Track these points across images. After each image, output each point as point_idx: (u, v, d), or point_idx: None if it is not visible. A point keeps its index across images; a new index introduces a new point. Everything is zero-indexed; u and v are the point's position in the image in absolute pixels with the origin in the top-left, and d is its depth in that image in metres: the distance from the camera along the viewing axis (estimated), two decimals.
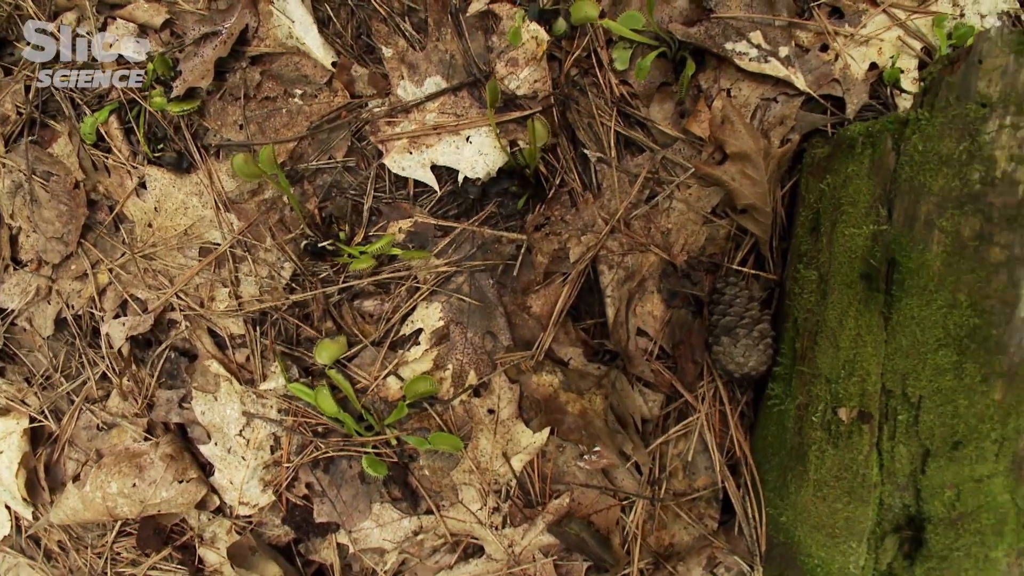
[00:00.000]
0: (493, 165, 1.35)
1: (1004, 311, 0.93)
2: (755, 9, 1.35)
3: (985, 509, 0.97)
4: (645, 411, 1.31)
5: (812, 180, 1.20)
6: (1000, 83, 0.93)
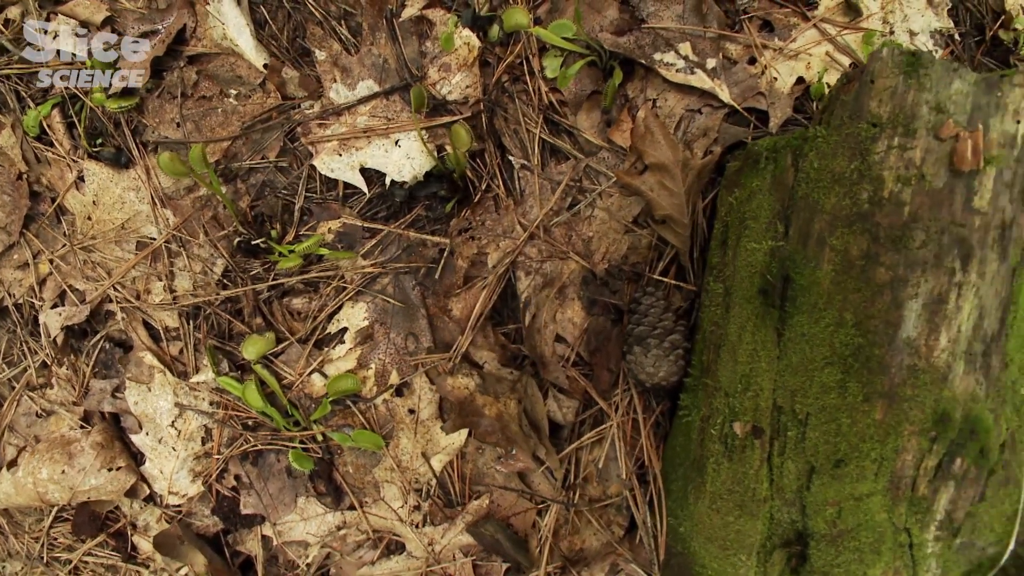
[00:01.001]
0: (420, 169, 1.35)
1: (887, 331, 0.92)
2: (686, 20, 1.34)
3: (864, 527, 0.95)
4: (560, 417, 1.31)
5: (725, 193, 1.19)
6: (890, 103, 0.92)
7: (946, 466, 0.92)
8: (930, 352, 0.91)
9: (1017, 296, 0.92)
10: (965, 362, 0.91)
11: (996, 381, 0.93)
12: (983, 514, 0.92)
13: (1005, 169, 0.89)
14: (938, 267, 0.90)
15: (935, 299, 0.90)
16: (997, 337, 0.92)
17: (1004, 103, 0.89)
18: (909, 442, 0.92)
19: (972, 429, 0.91)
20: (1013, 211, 0.90)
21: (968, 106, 0.89)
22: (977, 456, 0.91)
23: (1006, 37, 1.43)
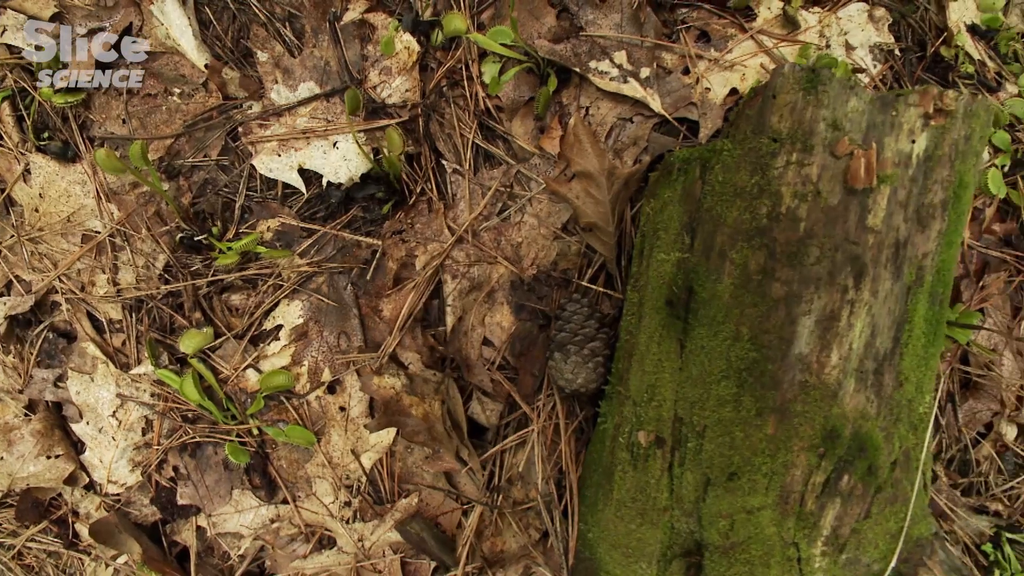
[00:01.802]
0: (356, 171, 1.34)
1: (781, 347, 0.90)
2: (624, 29, 1.32)
3: (755, 540, 0.94)
4: (483, 419, 1.31)
5: (645, 203, 1.18)
6: (790, 119, 0.90)
7: (833, 483, 0.90)
8: (821, 369, 0.89)
9: (912, 315, 0.91)
10: (856, 380, 0.89)
11: (889, 399, 0.91)
12: (868, 531, 0.91)
13: (899, 188, 0.88)
14: (831, 284, 0.88)
15: (827, 316, 0.89)
16: (890, 356, 0.90)
17: (899, 122, 0.87)
18: (798, 457, 0.91)
19: (861, 447, 0.90)
20: (908, 230, 0.89)
21: (864, 124, 0.87)
22: (864, 474, 0.90)
23: (947, 54, 1.41)
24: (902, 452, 0.93)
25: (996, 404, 1.29)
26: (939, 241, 0.91)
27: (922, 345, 0.93)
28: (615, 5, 1.32)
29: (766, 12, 1.34)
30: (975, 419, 1.29)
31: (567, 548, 1.16)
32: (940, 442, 1.26)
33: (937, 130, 0.88)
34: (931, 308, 0.93)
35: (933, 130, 0.88)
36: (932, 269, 0.92)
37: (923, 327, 0.93)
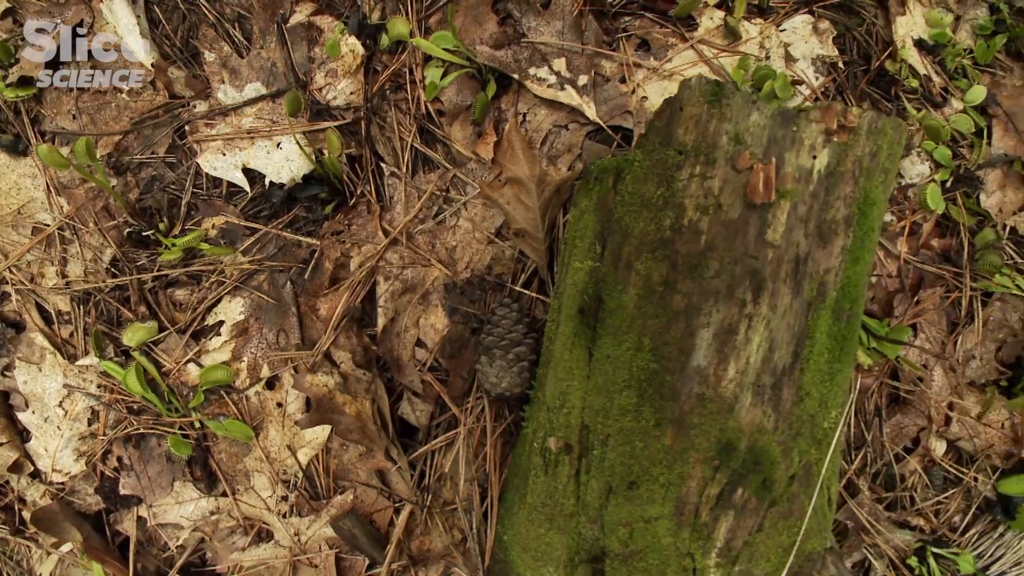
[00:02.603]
0: (298, 172, 1.34)
1: (680, 359, 0.89)
2: (565, 36, 1.31)
3: (652, 549, 0.93)
4: (413, 419, 1.30)
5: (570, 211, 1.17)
6: (695, 132, 0.89)
7: (727, 495, 0.89)
8: (718, 382, 0.88)
9: (813, 331, 0.89)
10: (753, 394, 0.88)
11: (788, 414, 0.90)
12: (760, 544, 0.89)
13: (800, 203, 0.86)
14: (730, 298, 0.87)
15: (725, 329, 0.87)
16: (789, 370, 0.89)
17: (800, 137, 0.85)
18: (694, 469, 0.90)
19: (756, 460, 0.88)
20: (808, 246, 0.87)
21: (764, 138, 0.86)
22: (759, 487, 0.89)
23: (892, 68, 1.39)
24: (802, 467, 0.92)
25: (923, 419, 1.27)
26: (843, 257, 0.89)
27: (826, 361, 0.91)
28: (557, 12, 1.31)
29: (708, 22, 1.32)
30: (902, 434, 1.27)
31: (483, 549, 1.15)
32: (865, 456, 1.24)
33: (840, 146, 0.86)
34: (836, 324, 0.92)
35: (836, 146, 0.86)
36: (836, 285, 0.90)
37: (827, 343, 0.91)
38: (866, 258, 0.92)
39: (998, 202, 1.39)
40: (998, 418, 1.36)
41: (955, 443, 1.31)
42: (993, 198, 1.39)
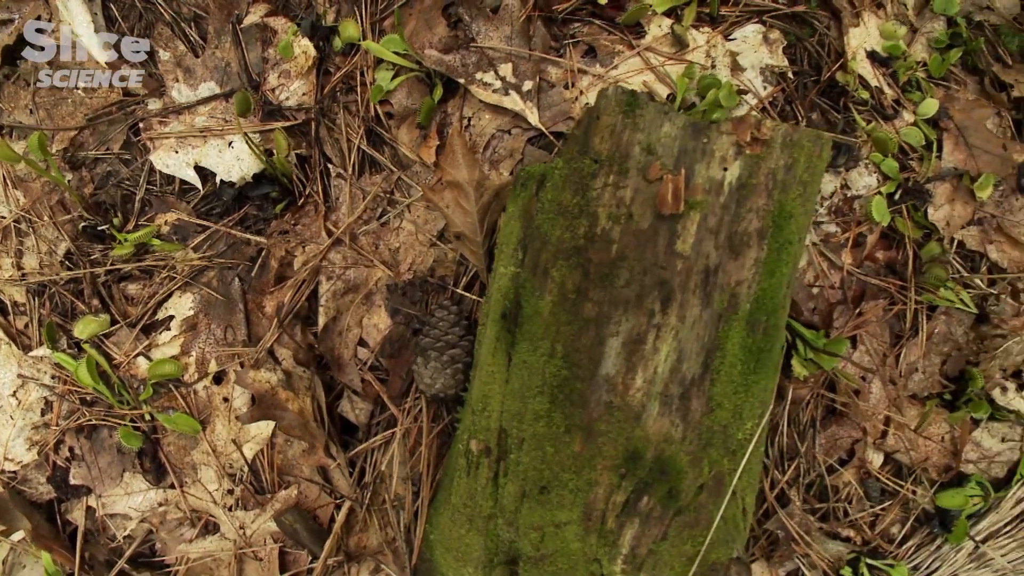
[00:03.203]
0: (248, 171, 1.34)
1: (589, 367, 0.89)
2: (514, 42, 1.30)
3: (561, 554, 0.93)
4: (353, 417, 1.30)
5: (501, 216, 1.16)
6: (609, 141, 0.88)
7: (633, 503, 0.89)
8: (626, 391, 0.87)
9: (724, 342, 0.89)
10: (660, 403, 0.87)
11: (697, 425, 0.89)
12: (664, 552, 0.89)
13: (710, 215, 0.85)
14: (639, 307, 0.86)
15: (634, 339, 0.87)
16: (698, 381, 0.88)
17: (711, 149, 0.85)
18: (601, 476, 0.89)
19: (663, 470, 0.88)
20: (719, 257, 0.86)
21: (675, 149, 0.85)
22: (664, 496, 0.88)
23: (843, 79, 1.37)
24: (712, 477, 0.91)
25: (858, 432, 1.26)
26: (757, 270, 0.88)
27: (739, 372, 0.91)
28: (506, 17, 1.30)
29: (656, 30, 1.31)
30: (836, 445, 1.26)
31: (411, 548, 1.15)
32: (799, 467, 1.23)
33: (752, 159, 0.85)
34: (751, 336, 0.91)
35: (748, 158, 0.85)
36: (750, 297, 0.89)
37: (740, 355, 0.90)
38: (783, 271, 0.91)
39: (945, 215, 1.38)
40: (938, 431, 1.34)
41: (892, 456, 1.30)
42: (941, 211, 1.38)
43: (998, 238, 1.41)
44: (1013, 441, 1.35)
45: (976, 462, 1.34)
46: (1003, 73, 1.49)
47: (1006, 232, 1.40)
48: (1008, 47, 1.53)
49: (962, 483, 1.32)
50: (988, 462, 1.35)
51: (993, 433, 1.35)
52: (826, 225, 1.32)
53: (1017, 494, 1.35)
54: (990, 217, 1.41)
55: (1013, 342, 1.34)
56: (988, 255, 1.40)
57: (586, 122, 0.92)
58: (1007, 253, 1.40)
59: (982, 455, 1.34)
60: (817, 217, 1.32)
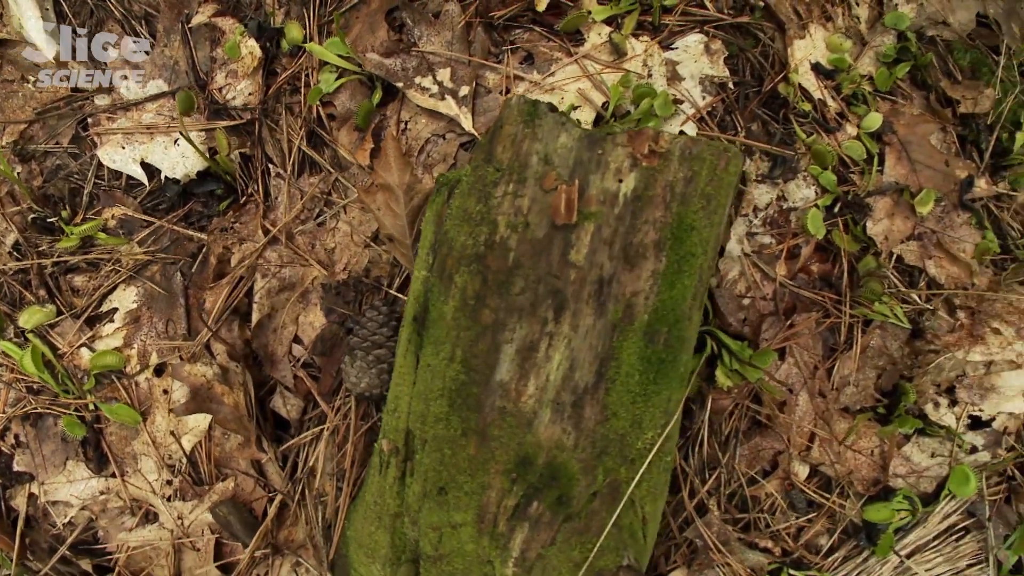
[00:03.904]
0: (192, 168, 1.36)
1: (485, 372, 0.90)
2: (454, 47, 1.31)
3: (457, 554, 0.94)
4: (285, 413, 1.32)
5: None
6: (511, 150, 0.89)
7: (523, 507, 0.89)
8: (519, 397, 0.88)
9: (619, 352, 0.89)
10: (552, 411, 0.88)
11: (591, 433, 0.90)
12: (552, 557, 0.90)
13: (604, 226, 0.86)
14: (532, 315, 0.87)
15: (527, 346, 0.88)
16: (592, 390, 0.89)
17: (606, 161, 0.85)
18: (494, 480, 0.90)
19: (553, 476, 0.89)
20: (613, 268, 0.87)
21: (571, 160, 0.86)
22: (554, 502, 0.89)
23: (785, 91, 1.37)
24: (607, 485, 0.92)
25: (782, 443, 1.26)
26: (655, 281, 0.89)
27: (637, 382, 0.91)
28: (447, 23, 1.31)
29: (595, 38, 1.32)
30: (759, 457, 1.26)
31: (330, 544, 1.17)
32: (719, 477, 1.24)
33: (648, 171, 0.86)
34: (649, 347, 0.91)
35: (644, 171, 0.86)
36: (648, 308, 0.89)
37: (638, 365, 0.91)
38: (685, 283, 0.92)
39: (884, 230, 1.37)
40: (868, 445, 1.34)
41: (818, 468, 1.30)
42: (880, 226, 1.37)
43: (937, 254, 1.40)
44: (942, 457, 1.35)
45: (905, 476, 1.34)
46: (951, 89, 1.48)
47: (946, 248, 1.40)
48: (959, 63, 1.53)
49: (888, 497, 1.31)
50: (917, 477, 1.34)
51: (923, 448, 1.35)
52: (760, 236, 1.32)
53: (944, 509, 1.34)
54: (930, 232, 1.41)
55: (945, 358, 1.34)
56: (927, 270, 1.40)
57: (491, 131, 0.92)
58: (945, 269, 1.40)
59: (911, 470, 1.34)
60: (751, 228, 1.32)
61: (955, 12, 1.56)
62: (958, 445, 1.34)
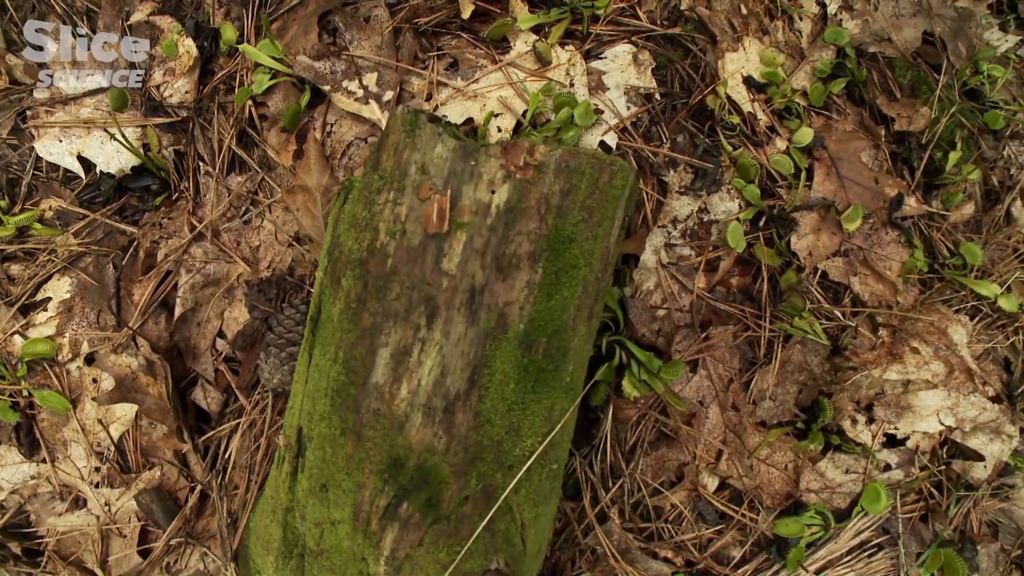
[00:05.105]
0: (127, 163, 1.40)
1: (363, 374, 0.93)
2: (383, 52, 1.34)
3: (335, 551, 0.97)
4: (205, 405, 1.36)
5: None
6: (393, 158, 0.92)
7: (394, 508, 0.93)
8: (392, 399, 0.91)
9: (492, 361, 0.92)
10: (423, 415, 0.91)
11: (463, 438, 0.93)
12: (420, 558, 0.93)
13: (476, 236, 0.89)
14: (406, 321, 0.90)
15: (401, 350, 0.91)
16: (464, 396, 0.92)
17: (479, 172, 0.88)
18: (368, 480, 0.93)
19: (424, 478, 0.92)
20: (485, 278, 0.90)
21: (446, 170, 0.88)
22: (423, 504, 0.92)
23: (713, 103, 1.39)
24: (480, 490, 0.95)
25: (688, 455, 1.28)
26: (530, 292, 0.91)
27: (513, 391, 0.94)
28: (377, 28, 1.34)
29: (522, 46, 1.34)
30: (664, 467, 1.28)
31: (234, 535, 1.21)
32: (623, 486, 1.26)
33: (522, 183, 0.88)
34: (527, 356, 0.93)
35: (517, 182, 0.88)
36: (524, 319, 0.92)
37: (513, 374, 0.93)
38: (565, 294, 0.94)
39: (809, 245, 1.39)
40: (783, 459, 1.36)
41: (728, 480, 1.32)
42: (804, 241, 1.39)
43: (863, 271, 1.41)
44: (856, 473, 1.36)
45: (819, 492, 1.36)
46: (887, 106, 1.49)
47: (872, 265, 1.41)
48: (900, 80, 1.53)
49: (799, 511, 1.33)
50: (831, 493, 1.36)
51: (838, 464, 1.37)
52: (680, 248, 1.34)
53: (857, 526, 1.36)
54: (857, 249, 1.42)
55: (862, 376, 1.35)
56: (852, 287, 1.41)
57: (380, 140, 0.95)
58: (870, 286, 1.41)
59: (825, 485, 1.36)
60: (670, 240, 1.34)
61: (901, 30, 1.57)
62: (872, 463, 1.36)
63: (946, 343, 1.36)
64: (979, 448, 1.36)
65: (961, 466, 1.39)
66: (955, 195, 1.46)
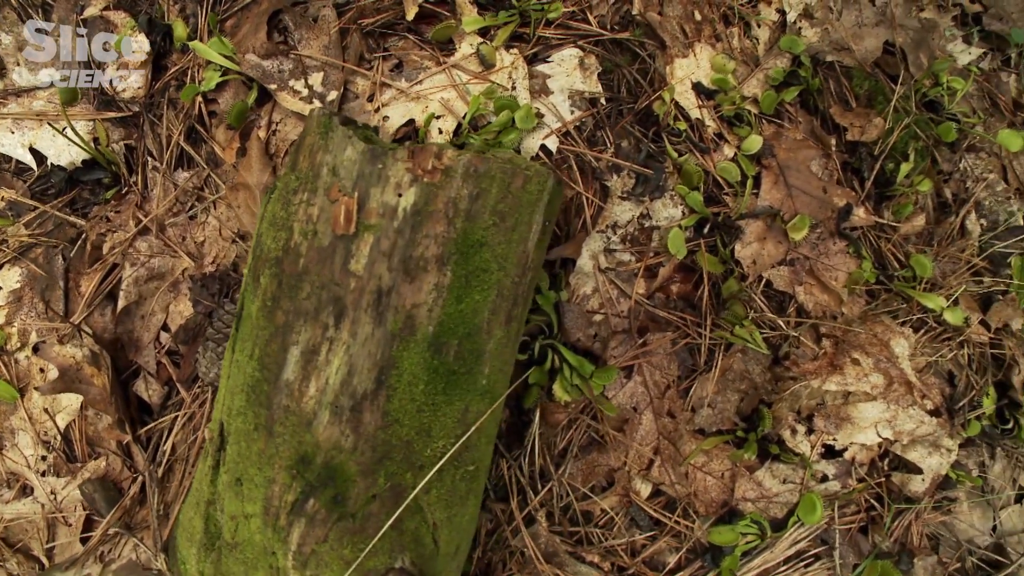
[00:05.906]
0: (77, 156, 1.44)
1: (275, 371, 0.96)
2: (330, 52, 1.37)
3: (248, 544, 1.01)
4: (147, 397, 1.39)
5: None
6: (308, 160, 0.95)
7: (301, 504, 0.96)
8: (301, 397, 0.94)
9: (400, 362, 0.95)
10: (331, 413, 0.94)
11: (371, 437, 0.96)
12: (325, 554, 0.96)
13: (383, 238, 0.91)
14: (316, 320, 0.93)
15: (310, 349, 0.94)
16: (371, 396, 0.95)
17: (387, 175, 0.91)
18: (278, 475, 0.96)
19: (331, 476, 0.95)
20: (392, 279, 0.92)
21: (355, 173, 0.91)
22: (329, 501, 0.95)
23: (660, 109, 1.40)
24: (388, 489, 0.97)
25: (618, 461, 1.30)
26: (439, 295, 0.94)
27: (422, 392, 0.96)
28: (325, 28, 1.37)
29: (466, 48, 1.36)
30: (594, 472, 1.31)
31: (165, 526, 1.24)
32: (551, 490, 1.29)
33: (429, 187, 0.91)
34: (436, 358, 0.96)
35: (424, 186, 0.91)
36: (433, 321, 0.94)
37: (422, 375, 0.96)
38: (476, 298, 0.97)
39: (753, 253, 1.40)
40: (720, 467, 1.38)
41: (660, 487, 1.34)
42: (749, 249, 1.40)
43: (808, 280, 1.43)
44: (794, 484, 1.38)
45: (755, 501, 1.37)
46: (841, 116, 1.50)
47: (817, 275, 1.42)
48: (856, 90, 1.54)
49: (733, 520, 1.35)
50: (767, 502, 1.38)
51: (776, 474, 1.38)
52: (620, 253, 1.36)
53: (792, 536, 1.37)
54: (803, 259, 1.43)
55: (801, 386, 1.37)
56: (796, 297, 1.42)
57: (298, 141, 0.98)
58: (815, 296, 1.42)
59: (762, 494, 1.38)
60: (609, 244, 1.36)
61: (863, 39, 1.58)
62: (809, 473, 1.37)
63: (887, 355, 1.38)
64: (917, 461, 1.38)
65: (900, 479, 1.40)
66: (906, 206, 1.47)
